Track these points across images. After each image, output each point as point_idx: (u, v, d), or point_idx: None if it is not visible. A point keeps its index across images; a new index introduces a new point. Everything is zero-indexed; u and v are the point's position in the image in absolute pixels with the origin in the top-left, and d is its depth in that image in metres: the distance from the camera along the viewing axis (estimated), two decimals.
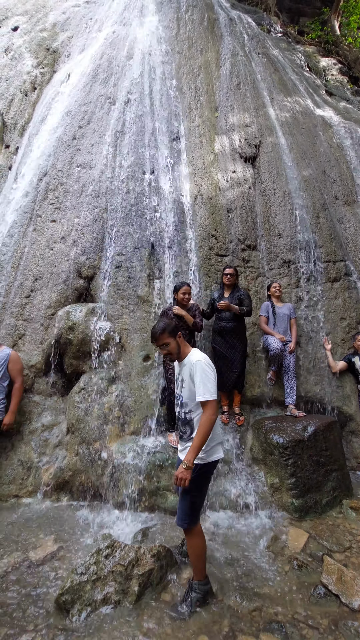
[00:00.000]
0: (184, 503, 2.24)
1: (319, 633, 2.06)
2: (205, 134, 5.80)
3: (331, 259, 5.12)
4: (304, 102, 7.20)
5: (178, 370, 2.43)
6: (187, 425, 2.32)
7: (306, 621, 2.14)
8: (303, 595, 2.35)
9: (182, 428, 2.35)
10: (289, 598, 2.32)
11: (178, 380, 2.40)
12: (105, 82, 6.16)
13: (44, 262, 4.43)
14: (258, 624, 2.11)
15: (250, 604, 2.24)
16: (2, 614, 2.11)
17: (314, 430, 3.60)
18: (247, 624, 2.10)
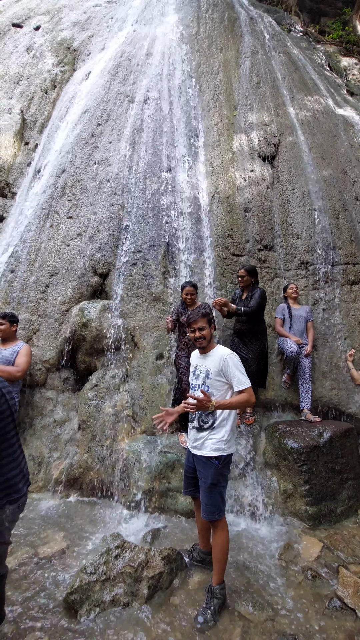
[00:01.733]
0: (213, 496, 2.24)
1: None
2: (224, 132, 5.74)
3: (350, 261, 4.99)
4: (324, 101, 7.06)
5: (197, 362, 2.46)
6: (210, 415, 2.30)
7: (321, 635, 2.06)
8: (317, 608, 2.26)
9: (203, 418, 2.32)
10: (302, 609, 2.24)
11: (198, 372, 2.41)
12: (124, 80, 6.17)
13: (59, 258, 4.44)
14: (270, 634, 2.03)
15: (262, 614, 2.17)
16: (10, 612, 2.09)
17: (330, 436, 3.49)
18: (259, 634, 2.03)
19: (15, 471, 1.64)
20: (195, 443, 2.34)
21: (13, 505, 1.62)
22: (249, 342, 3.98)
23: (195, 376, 2.45)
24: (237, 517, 3.13)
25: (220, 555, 2.24)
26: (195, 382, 2.43)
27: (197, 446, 2.32)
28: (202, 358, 2.42)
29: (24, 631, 1.97)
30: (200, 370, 2.40)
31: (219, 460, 2.25)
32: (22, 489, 1.66)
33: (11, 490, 1.61)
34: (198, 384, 2.39)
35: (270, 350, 4.40)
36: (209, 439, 2.28)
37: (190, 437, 2.42)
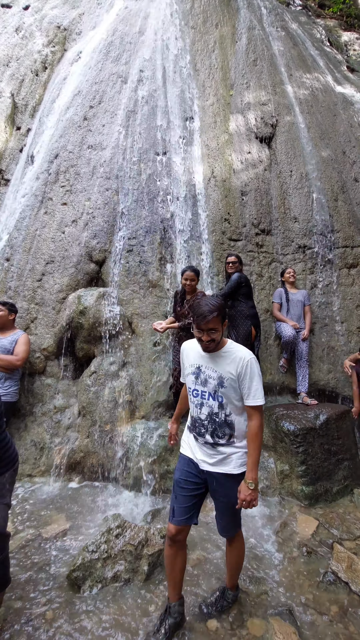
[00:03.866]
0: (235, 516, 1.96)
1: (328, 619, 2.05)
2: (220, 113, 5.60)
3: (349, 244, 4.94)
4: (323, 78, 6.85)
5: (201, 361, 1.91)
6: (226, 427, 1.88)
7: (315, 607, 2.14)
8: (312, 582, 2.34)
9: (219, 432, 1.88)
10: (298, 584, 2.32)
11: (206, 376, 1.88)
12: (117, 60, 5.98)
13: (55, 246, 4.41)
14: (267, 607, 2.11)
15: (259, 588, 2.25)
16: (16, 588, 2.17)
17: (326, 418, 3.54)
18: (256, 607, 2.11)
19: (9, 444, 1.90)
20: (212, 460, 1.89)
21: (10, 470, 1.87)
22: (232, 323, 3.97)
23: (200, 381, 1.90)
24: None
25: (237, 566, 2.07)
26: (202, 389, 1.90)
27: (216, 463, 1.88)
28: (210, 358, 1.88)
29: (30, 605, 2.05)
30: (209, 375, 1.87)
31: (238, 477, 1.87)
32: (15, 457, 1.94)
33: (8, 460, 1.87)
34: (207, 391, 1.88)
35: (267, 335, 4.42)
36: (234, 453, 1.88)
37: (199, 451, 1.94)
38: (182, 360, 2.03)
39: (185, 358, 2.00)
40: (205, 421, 1.90)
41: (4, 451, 1.83)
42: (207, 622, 1.98)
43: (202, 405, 1.91)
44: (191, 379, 1.94)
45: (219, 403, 1.87)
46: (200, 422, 1.92)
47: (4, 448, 1.83)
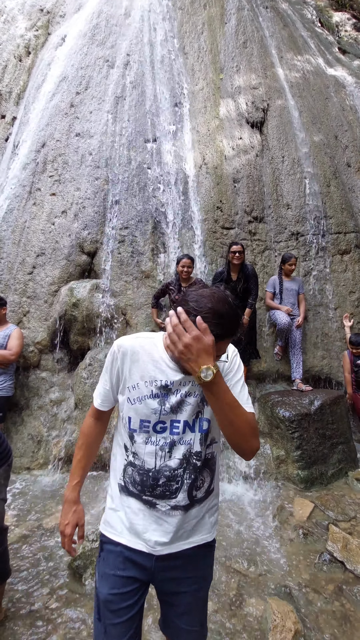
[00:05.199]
0: (204, 606, 1.26)
1: (324, 597, 2.11)
2: (210, 97, 5.48)
3: (342, 230, 4.93)
4: (315, 60, 6.72)
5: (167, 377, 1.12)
6: (207, 469, 1.19)
7: (312, 586, 2.20)
8: (309, 562, 2.40)
9: (198, 481, 1.16)
10: (295, 564, 2.38)
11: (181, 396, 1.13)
12: (102, 43, 5.79)
13: (45, 238, 4.33)
14: (265, 587, 2.16)
15: (257, 569, 2.30)
16: (18, 578, 2.19)
17: (320, 404, 3.58)
18: (254, 587, 2.16)
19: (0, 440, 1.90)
20: (178, 533, 1.14)
21: (4, 466, 1.86)
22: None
23: (170, 407, 1.12)
24: (232, 484, 3.26)
25: None
26: (172, 419, 1.13)
27: (182, 536, 1.15)
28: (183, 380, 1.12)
29: (32, 594, 2.08)
30: (185, 393, 1.12)
31: (210, 551, 1.26)
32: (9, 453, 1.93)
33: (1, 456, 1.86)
34: (183, 420, 1.13)
35: (261, 323, 4.43)
36: (208, 512, 1.22)
37: (151, 529, 1.13)
38: (120, 373, 1.16)
39: (131, 370, 1.13)
40: (178, 471, 1.12)
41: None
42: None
43: (172, 447, 1.12)
44: (147, 407, 1.11)
45: (203, 434, 1.14)
46: (168, 475, 1.12)
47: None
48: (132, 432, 1.14)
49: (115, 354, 1.16)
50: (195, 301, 0.99)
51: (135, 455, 1.14)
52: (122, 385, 1.17)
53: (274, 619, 1.87)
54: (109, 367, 1.19)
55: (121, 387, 1.18)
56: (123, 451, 1.18)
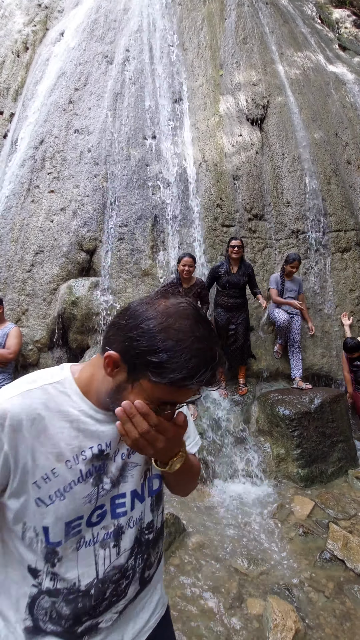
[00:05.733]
0: None
1: (324, 596, 2.11)
2: (210, 94, 5.44)
3: (342, 228, 4.91)
4: (315, 57, 6.68)
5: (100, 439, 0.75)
6: (160, 537, 0.92)
7: (312, 585, 2.19)
8: (309, 561, 2.39)
9: (152, 557, 0.87)
10: (295, 563, 2.37)
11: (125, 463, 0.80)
12: (101, 39, 5.74)
13: (43, 235, 4.30)
14: (265, 586, 2.16)
15: (258, 568, 2.29)
16: None
17: (320, 402, 3.57)
18: (255, 587, 2.16)
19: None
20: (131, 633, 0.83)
21: None
22: (238, 315, 3.95)
23: (109, 482, 0.77)
24: (233, 482, 3.25)
25: None
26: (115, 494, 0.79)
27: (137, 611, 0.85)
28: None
29: None
30: (124, 452, 0.80)
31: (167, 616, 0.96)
32: None
33: None
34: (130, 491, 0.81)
35: (260, 322, 4.41)
36: (159, 578, 0.94)
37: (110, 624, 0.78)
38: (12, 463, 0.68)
39: (34, 452, 0.69)
40: (128, 563, 0.80)
41: None
42: (206, 602, 2.02)
43: (118, 537, 0.79)
44: (77, 498, 0.73)
45: (154, 496, 0.87)
46: (116, 579, 0.78)
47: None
48: (52, 546, 0.71)
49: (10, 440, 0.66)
50: (152, 338, 0.61)
51: (56, 576, 0.72)
52: (16, 484, 0.68)
53: (275, 618, 1.86)
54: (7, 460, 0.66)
55: (15, 486, 0.68)
56: (26, 577, 0.72)
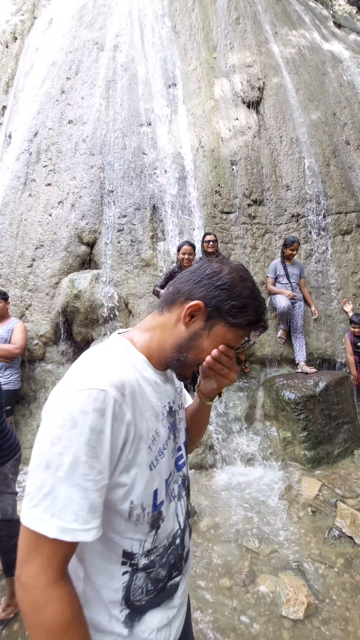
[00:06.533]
0: None
1: (334, 571, 2.17)
2: (204, 77, 5.33)
3: (342, 210, 4.86)
4: (310, 35, 6.51)
5: (171, 398, 0.80)
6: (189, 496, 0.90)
7: (322, 561, 2.25)
8: (318, 538, 2.45)
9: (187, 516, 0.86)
10: (304, 541, 2.43)
11: (179, 414, 0.86)
12: (91, 25, 5.61)
13: (43, 230, 4.29)
14: (276, 564, 2.21)
15: (268, 547, 2.35)
16: None
17: (325, 385, 3.60)
18: (266, 564, 2.21)
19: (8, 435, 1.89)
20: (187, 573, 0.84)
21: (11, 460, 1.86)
22: None
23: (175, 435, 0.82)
24: (240, 466, 3.30)
25: None
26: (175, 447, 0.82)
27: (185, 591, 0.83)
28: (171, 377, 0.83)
29: None
30: (179, 405, 0.87)
31: None
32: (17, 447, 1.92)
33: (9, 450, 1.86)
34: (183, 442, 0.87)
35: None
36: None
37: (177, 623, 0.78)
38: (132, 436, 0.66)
39: (143, 416, 0.69)
40: (182, 519, 0.81)
41: (4, 441, 1.83)
42: (219, 580, 2.08)
43: (184, 486, 0.85)
44: (168, 453, 0.77)
45: (185, 445, 0.90)
46: (187, 525, 0.84)
47: (4, 438, 1.84)
48: (157, 509, 0.72)
49: (115, 408, 0.61)
50: (234, 287, 0.71)
51: (155, 541, 0.72)
52: (131, 454, 0.65)
53: (287, 593, 1.92)
54: (104, 441, 0.59)
55: (130, 457, 0.65)
56: (117, 570, 0.69)
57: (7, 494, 1.83)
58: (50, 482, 0.56)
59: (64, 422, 0.58)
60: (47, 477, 0.56)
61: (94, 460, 0.58)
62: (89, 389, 0.59)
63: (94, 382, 0.61)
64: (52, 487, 0.56)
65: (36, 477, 0.57)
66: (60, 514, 0.56)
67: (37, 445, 0.60)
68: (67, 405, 0.59)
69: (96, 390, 0.60)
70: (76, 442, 0.57)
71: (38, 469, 0.58)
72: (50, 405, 0.62)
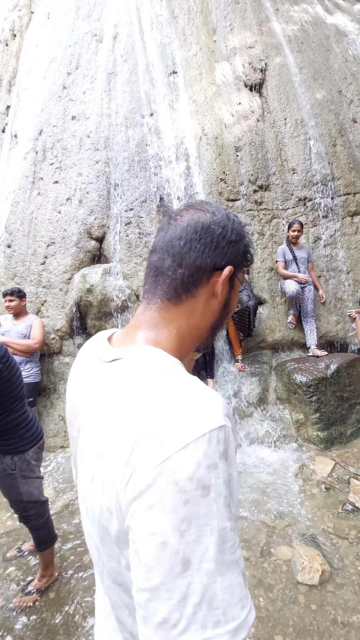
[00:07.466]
0: None
1: (348, 542, 2.27)
2: (204, 63, 5.26)
3: (350, 191, 4.80)
4: (312, 9, 6.29)
5: None
6: None
7: (336, 533, 2.35)
8: (332, 513, 2.55)
9: None
10: (318, 515, 2.54)
11: None
12: (88, 16, 5.57)
13: (53, 227, 4.40)
14: (292, 536, 2.33)
15: (283, 521, 2.47)
16: (67, 541, 2.43)
17: (336, 367, 3.65)
18: (282, 537, 2.34)
19: (31, 423, 1.96)
20: None
21: (34, 447, 1.94)
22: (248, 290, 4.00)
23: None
24: (255, 447, 3.41)
25: None
26: None
27: None
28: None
29: (81, 553, 2.32)
30: None
31: None
32: (39, 435, 1.98)
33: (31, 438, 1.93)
34: None
35: (274, 293, 4.45)
36: None
37: None
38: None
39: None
40: None
41: (27, 430, 1.93)
42: None
43: None
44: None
45: None
46: None
47: (27, 427, 1.94)
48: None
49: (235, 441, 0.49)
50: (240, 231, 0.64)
51: None
52: None
53: (302, 562, 2.04)
54: (234, 486, 0.46)
55: None
56: None
57: (32, 479, 1.94)
58: (197, 585, 0.39)
59: (189, 495, 0.39)
60: (191, 580, 0.39)
61: (233, 518, 0.43)
62: (208, 432, 0.42)
63: (207, 418, 0.43)
64: (203, 590, 0.39)
65: (169, 592, 0.38)
66: (226, 615, 0.39)
67: (145, 549, 0.40)
68: (183, 469, 0.40)
69: (216, 430, 0.43)
70: (215, 511, 0.40)
71: (168, 580, 0.38)
72: (144, 482, 0.41)
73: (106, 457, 0.47)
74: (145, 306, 0.62)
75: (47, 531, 2.04)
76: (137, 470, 0.41)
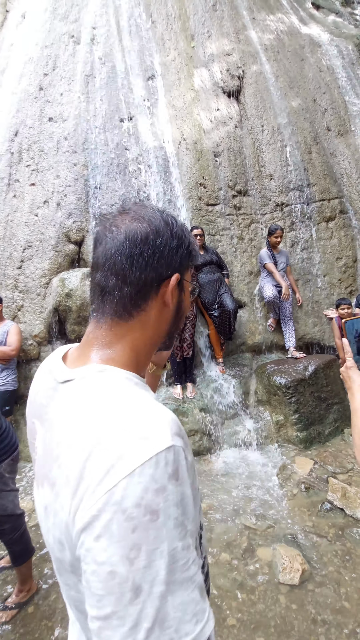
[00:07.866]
0: None
1: (327, 540, 2.33)
2: (183, 68, 5.31)
3: (325, 197, 4.95)
4: (288, 19, 6.48)
5: None
6: None
7: (316, 531, 2.41)
8: (311, 512, 2.61)
9: None
10: (299, 515, 2.59)
11: None
12: (65, 17, 5.50)
13: (30, 230, 4.29)
14: (273, 537, 2.37)
15: (265, 523, 2.50)
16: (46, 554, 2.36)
17: (314, 369, 3.74)
18: (263, 538, 2.36)
19: (4, 434, 1.93)
20: None
21: (7, 460, 1.89)
22: (219, 285, 4.07)
23: None
24: (236, 449, 3.45)
25: None
26: None
27: None
28: None
29: None
30: None
31: None
32: (13, 446, 1.95)
33: (5, 450, 1.90)
34: None
35: (253, 297, 4.52)
36: None
37: None
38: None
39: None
40: None
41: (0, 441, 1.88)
42: (220, 555, 2.22)
43: None
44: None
45: None
46: None
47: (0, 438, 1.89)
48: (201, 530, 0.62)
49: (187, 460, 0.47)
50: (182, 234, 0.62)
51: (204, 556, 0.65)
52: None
53: (283, 562, 2.07)
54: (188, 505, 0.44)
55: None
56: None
57: (5, 492, 1.88)
58: (150, 609, 0.38)
59: (137, 522, 0.39)
60: (142, 607, 0.38)
61: (187, 536, 0.42)
62: (155, 455, 0.41)
63: (154, 441, 0.42)
64: (155, 614, 0.38)
65: (121, 619, 0.38)
66: (179, 632, 0.39)
67: (95, 579, 0.39)
68: (130, 496, 0.39)
69: (163, 452, 0.42)
70: (165, 534, 0.40)
71: (119, 608, 0.38)
72: (91, 513, 0.40)
73: (56, 487, 0.46)
74: (95, 324, 0.59)
75: (23, 545, 1.97)
76: (84, 500, 0.41)
